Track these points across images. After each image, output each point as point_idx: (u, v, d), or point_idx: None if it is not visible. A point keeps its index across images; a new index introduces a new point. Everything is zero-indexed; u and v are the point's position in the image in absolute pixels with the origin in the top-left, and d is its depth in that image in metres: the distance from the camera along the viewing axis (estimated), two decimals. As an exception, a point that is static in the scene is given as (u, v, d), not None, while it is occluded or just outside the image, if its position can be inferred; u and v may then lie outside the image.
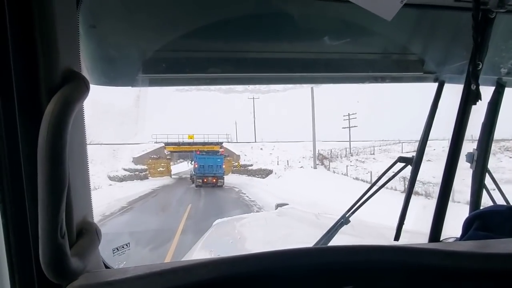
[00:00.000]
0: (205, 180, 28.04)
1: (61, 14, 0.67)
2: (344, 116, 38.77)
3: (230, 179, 33.10)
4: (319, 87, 1.63)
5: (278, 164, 37.40)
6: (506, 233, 1.10)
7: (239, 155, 41.21)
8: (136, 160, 36.33)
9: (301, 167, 34.25)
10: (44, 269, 0.64)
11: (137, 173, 34.10)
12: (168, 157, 40.69)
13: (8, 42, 0.63)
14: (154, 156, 38.46)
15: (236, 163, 39.77)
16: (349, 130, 38.08)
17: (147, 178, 34.32)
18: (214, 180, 28.31)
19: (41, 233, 0.62)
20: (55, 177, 0.60)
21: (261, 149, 44.03)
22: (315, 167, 33.03)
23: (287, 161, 36.87)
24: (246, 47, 1.36)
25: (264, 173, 35.95)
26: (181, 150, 42.64)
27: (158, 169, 37.85)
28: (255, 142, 47.86)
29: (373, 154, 32.88)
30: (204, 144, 41.61)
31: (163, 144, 40.55)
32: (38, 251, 0.64)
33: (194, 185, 28.48)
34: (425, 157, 1.55)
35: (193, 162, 31.67)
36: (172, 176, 40.06)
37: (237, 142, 47.15)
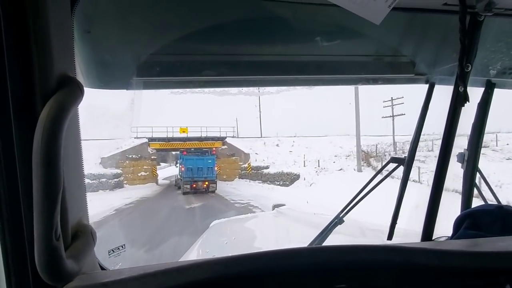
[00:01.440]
0: (194, 185, 23.94)
1: (56, 20, 0.69)
2: (384, 101, 29.31)
3: (238, 187, 25.71)
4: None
5: (305, 166, 28.26)
6: (495, 231, 1.13)
7: (248, 154, 32.16)
8: (106, 162, 26.94)
9: (340, 169, 26.39)
10: (39, 271, 0.65)
11: (104, 180, 24.73)
12: (153, 157, 31.51)
13: (3, 47, 0.64)
14: (133, 156, 28.63)
15: (246, 165, 30.63)
16: (393, 120, 28.00)
17: (122, 187, 25.58)
18: (205, 185, 24.28)
19: (36, 235, 0.63)
20: (49, 180, 0.61)
21: (277, 145, 35.13)
22: (359, 170, 24.81)
23: (318, 161, 28.10)
24: (240, 50, 1.38)
25: (287, 178, 26.59)
26: (170, 147, 33.47)
27: (139, 174, 28.42)
28: (261, 137, 38.56)
29: (432, 151, 23.38)
30: (201, 140, 33.48)
31: (146, 140, 31.18)
32: (34, 253, 0.64)
33: (181, 191, 24.03)
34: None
35: (178, 165, 27.10)
36: (160, 183, 31.52)
37: (244, 138, 37.14)
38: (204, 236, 3.35)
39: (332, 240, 1.57)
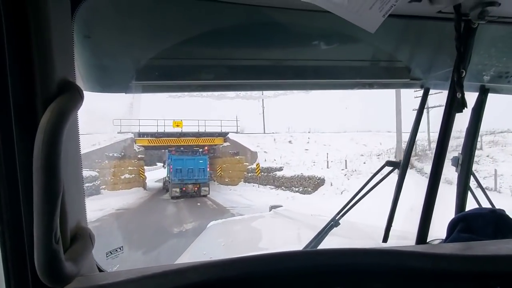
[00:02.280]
0: (184, 188, 21.67)
1: (56, 25, 0.70)
2: (416, 91, 19.96)
3: (245, 194, 21.10)
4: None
5: (328, 167, 22.85)
6: (487, 235, 1.15)
7: (255, 152, 26.50)
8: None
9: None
10: (39, 273, 0.66)
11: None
12: (140, 155, 26.10)
13: (4, 53, 0.65)
14: (114, 155, 23.18)
15: (254, 166, 24.56)
16: (428, 113, 21.51)
17: (98, 193, 20.08)
18: (196, 188, 22.08)
19: (36, 238, 0.64)
20: (50, 185, 0.62)
21: (290, 142, 29.51)
22: None
23: (345, 161, 22.51)
24: (238, 55, 1.40)
25: (308, 183, 20.57)
26: (160, 144, 28.20)
27: (122, 176, 23.10)
28: (272, 133, 32.70)
29: (481, 149, 18.95)
30: (198, 135, 28.83)
31: (132, 135, 25.68)
32: (33, 256, 0.66)
33: (169, 195, 21.58)
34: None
35: (167, 165, 24.44)
36: (150, 186, 27.26)
37: (250, 134, 31.66)
38: (201, 237, 3.41)
39: (328, 243, 1.58)
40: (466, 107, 1.19)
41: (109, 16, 1.08)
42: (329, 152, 25.33)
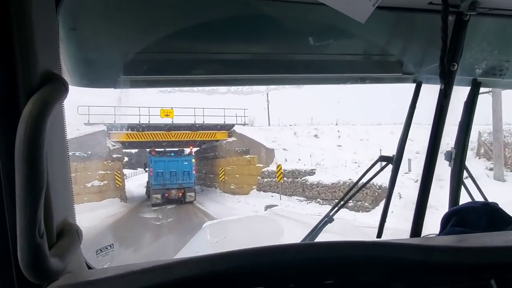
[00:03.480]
0: (167, 194, 19.55)
1: (40, 16, 0.68)
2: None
3: (261, 209, 11.04)
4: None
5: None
6: (481, 228, 1.14)
7: (272, 150, 20.49)
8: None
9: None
10: (22, 269, 0.64)
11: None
12: (116, 155, 19.81)
13: None
14: (78, 154, 16.72)
15: (274, 168, 18.25)
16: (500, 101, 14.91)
17: None
18: (180, 194, 19.89)
19: (19, 233, 0.63)
20: (32, 177, 0.61)
21: (316, 136, 23.17)
22: (501, 178, 13.92)
23: (409, 161, 14.84)
24: (228, 49, 1.38)
25: (363, 194, 13.93)
26: (144, 140, 22.14)
27: (88, 184, 17.05)
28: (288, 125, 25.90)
29: None
30: (195, 128, 23.00)
31: (104, 128, 19.47)
32: (17, 251, 0.64)
33: (151, 203, 18.93)
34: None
35: (148, 168, 21.29)
36: (130, 197, 21.66)
37: (262, 126, 25.51)
38: (195, 238, 3.36)
39: (322, 239, 1.55)
40: (449, 99, 1.23)
41: (95, 8, 1.07)
42: (369, 149, 18.95)
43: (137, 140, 22.17)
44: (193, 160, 21.63)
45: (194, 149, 24.54)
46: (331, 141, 21.94)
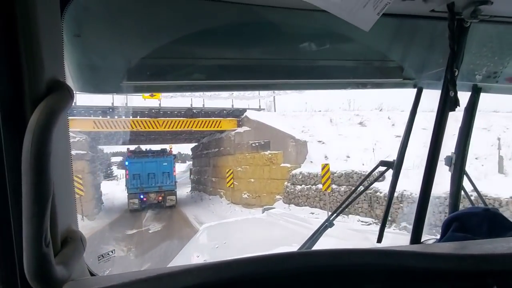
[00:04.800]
0: (145, 198, 17.99)
1: (45, 24, 0.68)
2: None
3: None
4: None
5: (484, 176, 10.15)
6: (482, 233, 1.14)
7: (304, 143, 14.88)
8: None
9: None
10: (28, 278, 0.64)
11: None
12: (78, 151, 14.67)
13: None
14: None
15: (322, 171, 11.81)
16: None
17: None
18: (160, 198, 18.36)
19: (25, 242, 0.62)
20: (39, 186, 0.61)
21: (362, 124, 17.76)
22: None
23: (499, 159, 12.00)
24: (230, 54, 1.38)
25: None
26: (120, 130, 16.07)
27: None
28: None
29: None
30: (191, 115, 17.28)
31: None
32: (23, 260, 0.64)
33: (128, 208, 17.73)
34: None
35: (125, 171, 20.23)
36: (102, 213, 16.89)
37: (285, 112, 19.18)
38: (194, 240, 3.36)
39: (322, 243, 1.54)
40: (459, 105, 1.20)
41: (99, 14, 1.07)
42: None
43: (108, 130, 15.51)
44: (174, 160, 20.09)
45: (192, 145, 22.52)
46: (384, 131, 15.65)
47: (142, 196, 17.87)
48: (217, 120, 17.43)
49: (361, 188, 1.79)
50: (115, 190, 24.57)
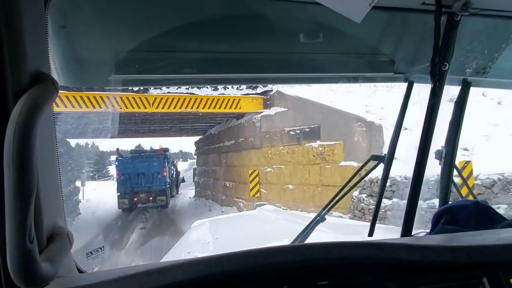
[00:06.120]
0: (136, 199, 17.92)
1: (29, 14, 0.67)
2: None
3: None
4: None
5: None
6: (472, 226, 1.15)
7: (379, 128, 8.92)
8: None
9: None
10: (12, 275, 0.63)
11: None
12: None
13: None
14: None
15: (463, 172, 6.20)
16: None
17: None
18: (151, 199, 18.03)
19: (8, 238, 0.61)
20: (22, 180, 0.59)
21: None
22: None
23: None
24: (221, 48, 1.36)
25: None
26: (100, 110, 10.97)
27: None
28: None
29: None
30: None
31: None
32: (6, 257, 0.63)
33: (118, 208, 17.90)
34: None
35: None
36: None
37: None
38: (186, 236, 3.47)
39: (314, 238, 1.50)
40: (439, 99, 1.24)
41: (86, 5, 1.05)
42: None
43: (74, 110, 10.52)
44: (164, 160, 19.70)
45: (196, 138, 21.34)
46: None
47: (132, 197, 17.97)
48: (234, 98, 12.13)
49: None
50: (107, 193, 21.99)
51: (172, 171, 22.80)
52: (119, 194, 17.92)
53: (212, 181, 18.46)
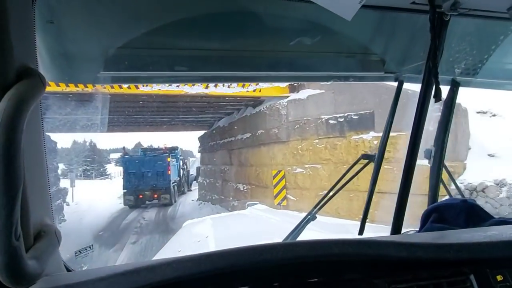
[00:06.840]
0: (141, 196, 18.52)
1: (15, 8, 0.66)
2: None
3: None
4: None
5: None
6: (460, 224, 1.17)
7: (464, 112, 6.43)
8: None
9: None
10: None
11: None
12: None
13: None
14: None
15: None
16: None
17: None
18: (155, 196, 18.72)
19: None
20: (8, 177, 0.59)
21: None
22: None
23: None
24: (211, 46, 1.36)
25: None
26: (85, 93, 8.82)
27: None
28: None
29: None
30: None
31: None
32: None
33: (123, 204, 18.73)
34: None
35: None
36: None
37: None
38: (176, 236, 3.36)
39: (304, 237, 1.56)
40: (441, 99, 1.20)
41: (74, 0, 1.03)
42: None
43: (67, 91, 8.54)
44: (168, 159, 19.90)
45: (202, 132, 20.93)
46: None
47: (138, 194, 18.57)
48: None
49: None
50: (104, 193, 22.24)
51: (181, 169, 23.49)
52: (125, 191, 18.66)
53: (220, 182, 15.81)
